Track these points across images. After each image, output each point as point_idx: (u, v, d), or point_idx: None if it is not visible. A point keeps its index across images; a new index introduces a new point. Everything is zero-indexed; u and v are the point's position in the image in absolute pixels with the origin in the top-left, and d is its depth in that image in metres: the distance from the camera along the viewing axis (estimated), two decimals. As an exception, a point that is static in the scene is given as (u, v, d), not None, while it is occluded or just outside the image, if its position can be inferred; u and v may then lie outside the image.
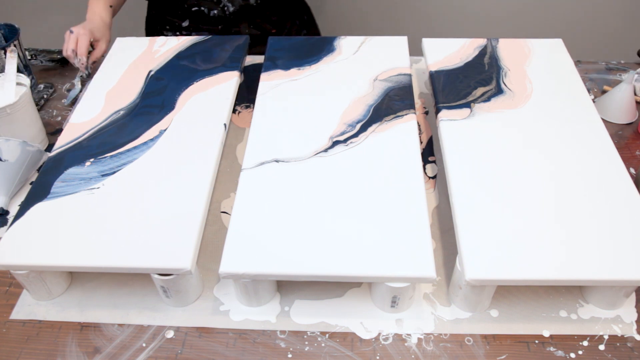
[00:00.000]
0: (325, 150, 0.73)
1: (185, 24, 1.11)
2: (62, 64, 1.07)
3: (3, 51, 0.92)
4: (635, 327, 0.64)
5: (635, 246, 0.61)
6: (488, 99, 0.81)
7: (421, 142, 0.87)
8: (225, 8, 1.06)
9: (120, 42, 0.95)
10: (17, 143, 0.78)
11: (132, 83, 0.85)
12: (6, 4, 1.73)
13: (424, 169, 0.83)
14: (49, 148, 0.89)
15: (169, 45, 0.93)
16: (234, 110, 0.93)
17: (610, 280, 0.59)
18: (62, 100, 0.98)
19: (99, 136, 0.76)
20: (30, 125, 0.86)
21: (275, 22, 1.15)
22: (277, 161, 0.72)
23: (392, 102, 0.80)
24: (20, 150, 0.78)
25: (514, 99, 0.81)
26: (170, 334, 0.64)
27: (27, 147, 0.79)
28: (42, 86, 0.99)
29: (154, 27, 1.17)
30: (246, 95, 0.96)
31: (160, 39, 0.95)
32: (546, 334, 0.63)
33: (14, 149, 0.78)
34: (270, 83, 0.85)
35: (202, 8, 1.06)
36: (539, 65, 0.88)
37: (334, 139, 0.75)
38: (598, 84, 1.01)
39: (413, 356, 0.61)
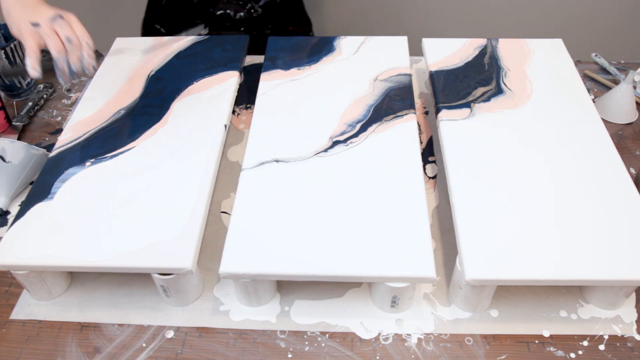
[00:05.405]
0: (325, 150, 0.73)
1: (205, 31, 0.99)
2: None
3: (3, 51, 0.92)
4: (635, 327, 0.64)
5: (635, 246, 0.61)
6: (488, 99, 0.81)
7: (421, 142, 0.87)
8: (252, 10, 1.05)
9: (120, 42, 0.95)
10: (22, 145, 0.78)
11: (132, 83, 0.85)
12: (6, 4, 1.73)
13: (424, 169, 0.83)
14: (49, 148, 0.89)
15: (169, 45, 0.93)
16: (233, 112, 0.93)
17: (610, 280, 0.59)
18: (62, 100, 0.98)
19: (99, 136, 0.76)
20: None
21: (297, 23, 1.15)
22: (277, 161, 0.72)
23: (392, 102, 0.80)
24: (24, 153, 0.78)
25: (514, 99, 0.81)
26: (170, 334, 0.64)
27: (32, 150, 0.80)
28: (41, 86, 0.99)
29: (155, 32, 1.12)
30: (246, 96, 0.96)
31: (160, 39, 0.95)
32: (546, 334, 0.63)
33: (18, 151, 0.78)
34: (270, 83, 0.85)
35: (229, 11, 1.04)
36: (539, 65, 0.88)
37: (334, 139, 0.75)
38: (598, 84, 1.01)
39: (413, 356, 0.61)
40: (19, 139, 0.90)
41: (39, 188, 0.69)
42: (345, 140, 0.75)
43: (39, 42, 0.61)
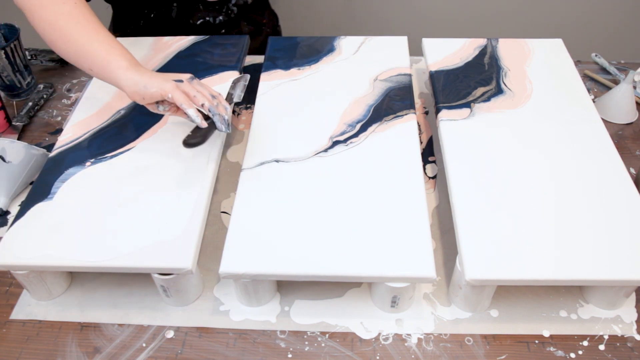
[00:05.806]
0: (325, 150, 0.73)
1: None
2: (62, 64, 1.07)
3: (3, 51, 0.92)
4: (635, 327, 0.64)
5: (635, 246, 0.61)
6: (488, 99, 0.81)
7: (421, 142, 0.87)
8: (230, 12, 1.05)
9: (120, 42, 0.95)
10: (22, 145, 0.78)
11: (132, 83, 0.85)
12: (6, 4, 1.73)
13: (424, 169, 0.83)
14: (49, 148, 0.89)
15: (169, 45, 0.93)
16: (233, 112, 0.93)
17: (610, 280, 0.59)
18: (62, 100, 0.98)
19: (99, 136, 0.76)
20: None
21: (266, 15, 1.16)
22: (277, 161, 0.72)
23: (392, 102, 0.80)
24: (24, 153, 0.78)
25: (514, 99, 0.81)
26: (170, 334, 0.64)
27: (32, 150, 0.80)
28: (41, 86, 0.99)
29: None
30: (246, 96, 0.96)
31: (160, 39, 0.95)
32: (546, 334, 0.63)
33: (18, 151, 0.78)
34: (270, 83, 0.85)
35: (208, 18, 1.04)
36: (539, 65, 0.88)
37: (334, 139, 0.75)
38: (598, 84, 1.01)
39: (413, 356, 0.61)
40: (19, 139, 0.89)
41: (39, 188, 0.69)
42: (345, 140, 0.75)
43: (185, 96, 0.68)
